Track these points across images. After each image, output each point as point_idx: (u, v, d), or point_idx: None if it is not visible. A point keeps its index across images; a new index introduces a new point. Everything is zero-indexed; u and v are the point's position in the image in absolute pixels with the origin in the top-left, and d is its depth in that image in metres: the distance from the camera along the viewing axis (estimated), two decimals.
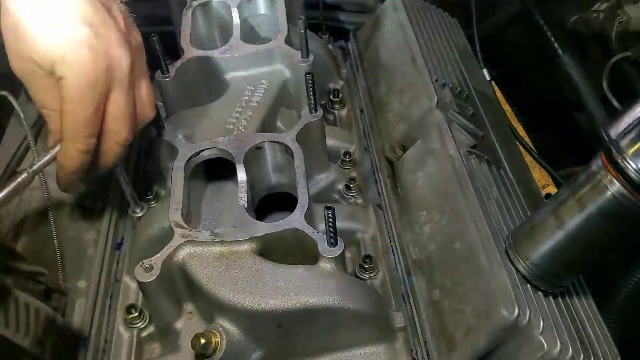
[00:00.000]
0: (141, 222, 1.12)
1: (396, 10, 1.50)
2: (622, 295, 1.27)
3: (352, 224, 1.16)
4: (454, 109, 1.25)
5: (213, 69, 1.26)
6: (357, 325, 0.95)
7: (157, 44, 1.16)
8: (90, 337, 1.01)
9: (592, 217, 0.84)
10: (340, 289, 0.92)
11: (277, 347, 0.96)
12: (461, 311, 0.95)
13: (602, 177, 0.82)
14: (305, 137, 1.16)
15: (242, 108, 1.20)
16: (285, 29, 1.29)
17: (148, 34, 1.17)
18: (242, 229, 0.98)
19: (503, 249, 0.98)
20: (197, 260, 0.95)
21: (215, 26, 1.40)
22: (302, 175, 1.05)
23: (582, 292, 1.03)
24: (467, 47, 1.60)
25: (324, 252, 0.94)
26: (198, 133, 1.15)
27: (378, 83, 1.44)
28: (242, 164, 1.07)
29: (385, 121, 1.35)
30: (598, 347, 0.94)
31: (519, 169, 1.29)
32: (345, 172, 1.29)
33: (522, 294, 0.91)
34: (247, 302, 0.90)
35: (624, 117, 0.80)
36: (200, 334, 0.89)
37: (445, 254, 1.03)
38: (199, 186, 1.14)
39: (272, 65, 1.27)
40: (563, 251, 0.89)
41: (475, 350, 0.91)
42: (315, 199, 1.21)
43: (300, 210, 0.99)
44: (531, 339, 0.88)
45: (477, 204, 1.03)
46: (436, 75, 1.31)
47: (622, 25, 1.69)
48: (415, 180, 1.17)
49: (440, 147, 1.15)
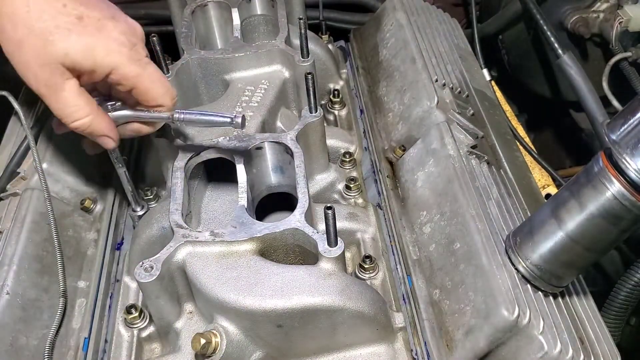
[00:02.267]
0: (141, 222, 1.12)
1: (396, 10, 1.51)
2: (622, 295, 1.27)
3: (352, 224, 1.16)
4: (454, 109, 1.26)
5: (213, 69, 1.26)
6: (357, 325, 0.95)
7: (157, 44, 1.16)
8: (90, 337, 1.02)
9: (592, 217, 0.84)
10: (340, 289, 0.92)
11: (277, 347, 0.96)
12: (461, 311, 0.95)
13: (602, 177, 0.82)
14: (305, 137, 1.16)
15: (242, 108, 1.20)
16: (285, 29, 1.29)
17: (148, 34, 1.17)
18: (242, 229, 0.98)
19: (503, 249, 0.98)
20: (197, 260, 0.95)
21: (215, 26, 1.40)
22: (302, 175, 1.05)
23: (582, 292, 1.03)
24: (467, 47, 1.60)
25: (324, 252, 0.94)
26: (198, 133, 1.16)
27: (378, 83, 1.44)
28: (242, 164, 1.07)
29: (385, 121, 1.35)
30: (598, 347, 0.94)
31: (519, 169, 1.29)
32: (345, 172, 1.29)
33: (522, 294, 0.91)
34: (247, 302, 0.90)
35: (624, 117, 0.80)
36: (200, 334, 0.89)
37: (445, 254, 1.03)
38: (199, 186, 1.14)
39: (272, 65, 1.27)
40: (563, 251, 0.89)
41: (475, 350, 0.91)
42: (315, 199, 1.21)
43: (300, 210, 0.99)
44: (531, 339, 0.88)
45: (477, 204, 1.04)
46: (436, 75, 1.31)
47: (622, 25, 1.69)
48: (415, 180, 1.17)
49: (440, 147, 1.15)
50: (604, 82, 1.67)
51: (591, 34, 1.81)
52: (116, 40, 0.93)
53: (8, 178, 1.15)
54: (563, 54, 1.56)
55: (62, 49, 0.89)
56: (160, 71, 1.00)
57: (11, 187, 1.14)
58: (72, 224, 1.14)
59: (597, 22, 1.80)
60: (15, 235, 1.04)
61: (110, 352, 1.02)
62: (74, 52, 0.89)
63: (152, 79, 0.97)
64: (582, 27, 1.80)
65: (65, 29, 0.89)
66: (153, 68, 0.98)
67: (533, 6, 1.65)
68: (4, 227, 1.07)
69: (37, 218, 1.07)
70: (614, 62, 1.68)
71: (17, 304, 0.97)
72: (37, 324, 0.99)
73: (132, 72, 0.94)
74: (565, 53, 1.56)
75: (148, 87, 0.97)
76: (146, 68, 0.96)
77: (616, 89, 1.65)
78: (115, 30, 0.93)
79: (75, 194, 1.18)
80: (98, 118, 0.96)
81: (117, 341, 1.03)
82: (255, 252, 0.97)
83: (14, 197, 1.12)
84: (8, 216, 1.08)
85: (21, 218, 1.07)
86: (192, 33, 1.31)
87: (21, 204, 1.09)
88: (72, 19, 0.90)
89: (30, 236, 1.05)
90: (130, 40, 0.95)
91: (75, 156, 1.19)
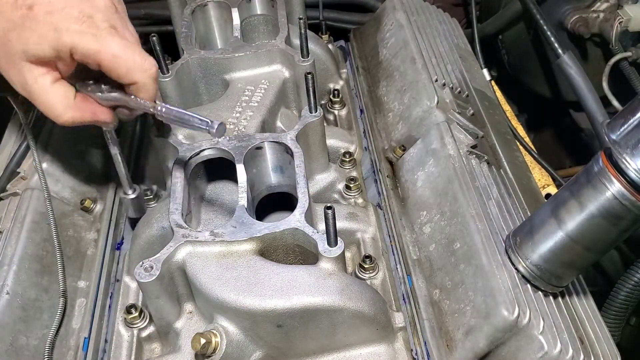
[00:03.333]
0: (141, 222, 1.12)
1: (396, 10, 1.51)
2: (622, 295, 1.27)
3: (352, 224, 1.16)
4: (454, 109, 1.26)
5: (213, 69, 1.26)
6: (357, 325, 0.95)
7: (157, 44, 1.16)
8: (90, 337, 1.02)
9: (592, 217, 0.84)
10: (340, 289, 0.92)
11: (277, 347, 0.96)
12: (461, 311, 0.95)
13: (602, 177, 0.82)
14: (305, 137, 1.16)
15: (242, 108, 1.20)
16: (285, 29, 1.30)
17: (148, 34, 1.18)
18: (242, 229, 0.98)
19: (503, 248, 0.98)
20: (197, 260, 0.95)
21: (215, 26, 1.40)
22: (302, 175, 1.05)
23: (582, 292, 1.03)
24: (467, 47, 1.60)
25: (324, 252, 0.94)
26: (198, 133, 1.16)
27: (378, 83, 1.44)
28: (242, 164, 1.07)
29: (385, 121, 1.35)
30: (598, 347, 0.94)
31: (519, 169, 1.29)
32: (345, 172, 1.29)
33: (522, 294, 0.91)
34: (247, 302, 0.90)
35: (624, 117, 0.80)
36: (200, 334, 0.89)
37: (445, 254, 1.03)
38: (199, 186, 1.14)
39: (272, 65, 1.27)
40: (563, 251, 0.89)
41: (475, 350, 0.91)
42: (315, 199, 1.21)
43: (300, 210, 0.99)
44: (531, 339, 0.88)
45: (477, 204, 1.04)
46: (436, 75, 1.31)
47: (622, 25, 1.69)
48: (415, 180, 1.17)
49: (440, 147, 1.15)
50: (604, 82, 1.67)
51: (591, 34, 1.81)
52: (67, 18, 0.85)
53: (8, 178, 1.15)
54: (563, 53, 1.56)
55: (19, 45, 0.85)
56: (127, 42, 0.89)
57: (11, 187, 1.14)
58: (72, 224, 1.14)
59: (597, 22, 1.80)
60: (15, 235, 1.04)
61: (110, 352, 1.02)
62: (31, 46, 0.85)
63: (113, 53, 0.87)
64: (582, 27, 1.80)
65: (18, 25, 0.85)
66: (115, 40, 0.87)
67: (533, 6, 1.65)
68: (4, 227, 1.07)
69: (37, 218, 1.07)
70: (614, 62, 1.68)
71: (17, 304, 0.97)
72: (37, 324, 0.99)
73: (89, 49, 0.86)
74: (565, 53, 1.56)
75: (111, 62, 0.87)
76: (105, 42, 0.86)
77: (616, 89, 1.65)
78: (67, 7, 0.85)
79: (75, 194, 1.18)
80: (79, 111, 0.91)
81: (117, 341, 1.03)
82: (255, 252, 0.97)
83: (14, 197, 1.12)
84: (8, 216, 1.08)
85: (21, 218, 1.07)
86: (192, 33, 1.31)
87: (21, 204, 1.09)
88: (24, 11, 0.85)
89: (30, 236, 1.05)
90: (85, 12, 0.86)
91: (75, 156, 1.19)
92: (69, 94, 0.91)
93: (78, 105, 0.92)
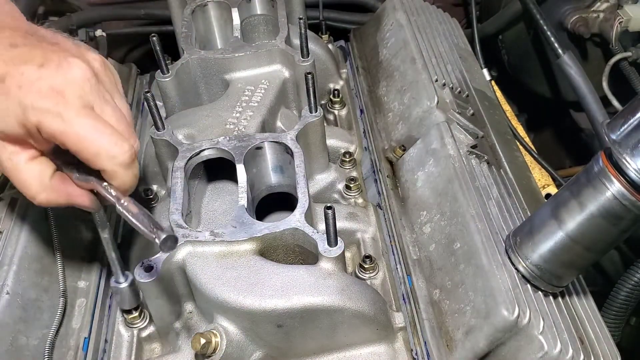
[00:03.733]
0: None
1: (396, 10, 1.51)
2: (622, 295, 1.27)
3: (352, 224, 1.16)
4: (454, 108, 1.26)
5: (213, 69, 1.26)
6: (357, 325, 0.95)
7: (157, 44, 1.16)
8: (90, 337, 1.01)
9: (592, 217, 0.84)
10: (340, 289, 0.92)
11: (277, 347, 0.96)
12: (461, 311, 0.95)
13: (602, 177, 0.82)
14: (305, 137, 1.16)
15: (242, 108, 1.20)
16: (285, 29, 1.30)
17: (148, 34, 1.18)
18: (242, 229, 0.98)
19: (503, 248, 0.98)
20: (197, 260, 0.95)
21: (215, 26, 1.40)
22: (302, 175, 1.05)
23: (582, 292, 1.03)
24: (467, 47, 1.60)
25: (324, 252, 0.94)
26: (198, 133, 1.16)
27: (378, 83, 1.44)
28: (242, 164, 1.07)
29: (385, 121, 1.35)
30: (598, 347, 0.95)
31: (519, 169, 1.29)
32: (345, 172, 1.29)
33: (522, 294, 0.91)
34: (247, 302, 0.90)
35: (624, 117, 0.80)
36: (200, 334, 0.89)
37: (445, 254, 1.03)
38: (199, 186, 1.14)
39: (272, 65, 1.27)
40: (563, 251, 0.89)
41: (475, 350, 0.91)
42: (315, 199, 1.21)
43: (300, 210, 0.99)
44: (531, 338, 0.88)
45: (477, 204, 1.04)
46: (436, 75, 1.31)
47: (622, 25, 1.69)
48: (415, 180, 1.17)
49: (440, 147, 1.15)
50: (604, 82, 1.67)
51: (591, 34, 1.81)
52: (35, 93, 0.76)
53: None
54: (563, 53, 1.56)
55: None
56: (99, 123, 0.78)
57: (11, 187, 1.14)
58: (72, 224, 1.14)
59: (597, 22, 1.80)
60: (15, 235, 1.04)
61: (110, 352, 1.02)
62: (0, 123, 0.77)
63: (79, 135, 0.77)
64: (582, 27, 1.80)
65: None
66: (83, 121, 0.77)
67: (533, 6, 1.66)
68: (4, 227, 1.07)
69: (37, 218, 1.07)
70: (614, 62, 1.69)
71: (17, 304, 0.97)
72: (37, 324, 0.99)
73: (54, 129, 0.76)
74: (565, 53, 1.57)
75: (76, 145, 0.77)
76: (72, 122, 0.76)
77: (616, 89, 1.65)
78: (38, 81, 0.76)
79: None
80: (54, 192, 0.83)
81: (117, 341, 1.03)
82: (255, 252, 0.97)
83: (14, 197, 1.12)
84: (8, 216, 1.08)
85: (21, 218, 1.07)
86: (192, 33, 1.31)
87: (21, 204, 1.09)
88: None
89: (30, 236, 1.05)
90: (55, 87, 0.76)
91: None
92: (45, 174, 0.82)
93: (54, 186, 0.83)
